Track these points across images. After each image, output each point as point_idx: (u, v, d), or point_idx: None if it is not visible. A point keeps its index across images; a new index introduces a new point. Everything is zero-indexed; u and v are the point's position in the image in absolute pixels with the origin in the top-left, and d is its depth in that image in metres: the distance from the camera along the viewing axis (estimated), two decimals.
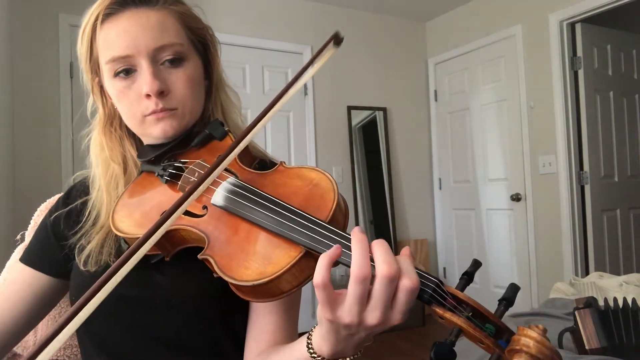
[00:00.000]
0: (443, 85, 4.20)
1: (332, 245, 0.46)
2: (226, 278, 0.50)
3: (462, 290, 0.46)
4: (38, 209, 1.00)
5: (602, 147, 3.34)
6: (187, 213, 0.57)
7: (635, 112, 3.60)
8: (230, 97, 0.79)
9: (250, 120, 0.58)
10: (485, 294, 3.80)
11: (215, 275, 0.51)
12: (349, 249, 0.45)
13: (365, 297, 0.44)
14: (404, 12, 4.10)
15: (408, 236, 4.09)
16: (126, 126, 0.74)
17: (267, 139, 3.53)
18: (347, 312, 0.44)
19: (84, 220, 0.74)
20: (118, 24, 0.66)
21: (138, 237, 0.60)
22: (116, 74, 0.67)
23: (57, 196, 1.00)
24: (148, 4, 0.68)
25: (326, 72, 3.80)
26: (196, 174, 0.63)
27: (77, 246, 0.71)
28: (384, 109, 4.05)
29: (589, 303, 1.38)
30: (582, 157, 3.27)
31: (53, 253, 0.76)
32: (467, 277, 0.46)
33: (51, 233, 0.77)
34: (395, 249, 3.95)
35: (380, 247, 0.45)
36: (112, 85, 0.69)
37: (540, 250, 3.43)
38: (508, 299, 0.45)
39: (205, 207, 0.58)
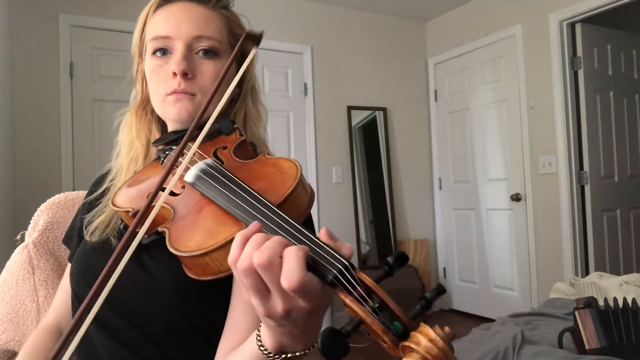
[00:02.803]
0: (443, 85, 4.20)
1: (270, 225, 0.45)
2: (171, 249, 0.50)
3: (378, 282, 0.41)
4: (38, 209, 1.00)
5: (602, 147, 3.34)
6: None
7: (635, 112, 3.60)
8: (257, 110, 0.84)
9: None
10: (485, 294, 3.80)
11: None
12: (282, 231, 0.44)
13: (256, 287, 0.41)
14: (404, 12, 4.11)
15: (408, 236, 4.09)
16: (157, 114, 0.80)
17: (267, 139, 3.53)
18: (254, 303, 0.43)
19: (103, 195, 0.79)
20: (169, 10, 0.74)
21: (126, 210, 0.63)
22: (154, 52, 0.74)
23: (58, 195, 1.01)
24: (201, 2, 0.75)
25: (326, 72, 3.81)
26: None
27: (89, 220, 0.76)
28: (384, 109, 4.05)
29: (589, 303, 1.39)
30: (582, 157, 3.28)
31: (73, 238, 0.82)
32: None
33: (79, 215, 0.83)
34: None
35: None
36: (149, 63, 0.75)
37: (540, 250, 3.43)
38: (428, 300, 0.40)
39: (183, 187, 0.60)
